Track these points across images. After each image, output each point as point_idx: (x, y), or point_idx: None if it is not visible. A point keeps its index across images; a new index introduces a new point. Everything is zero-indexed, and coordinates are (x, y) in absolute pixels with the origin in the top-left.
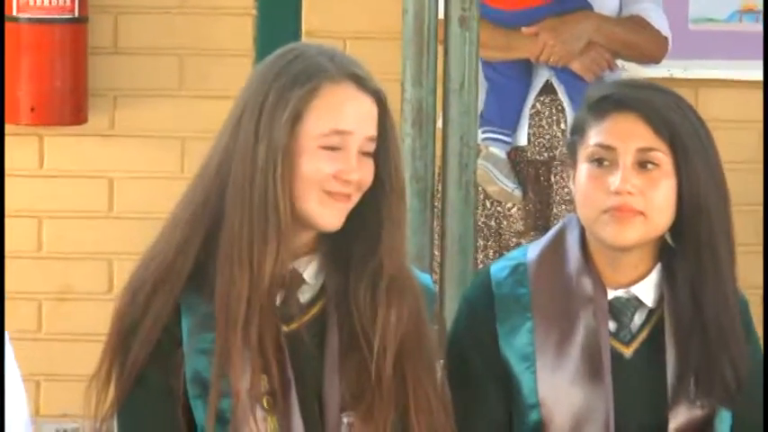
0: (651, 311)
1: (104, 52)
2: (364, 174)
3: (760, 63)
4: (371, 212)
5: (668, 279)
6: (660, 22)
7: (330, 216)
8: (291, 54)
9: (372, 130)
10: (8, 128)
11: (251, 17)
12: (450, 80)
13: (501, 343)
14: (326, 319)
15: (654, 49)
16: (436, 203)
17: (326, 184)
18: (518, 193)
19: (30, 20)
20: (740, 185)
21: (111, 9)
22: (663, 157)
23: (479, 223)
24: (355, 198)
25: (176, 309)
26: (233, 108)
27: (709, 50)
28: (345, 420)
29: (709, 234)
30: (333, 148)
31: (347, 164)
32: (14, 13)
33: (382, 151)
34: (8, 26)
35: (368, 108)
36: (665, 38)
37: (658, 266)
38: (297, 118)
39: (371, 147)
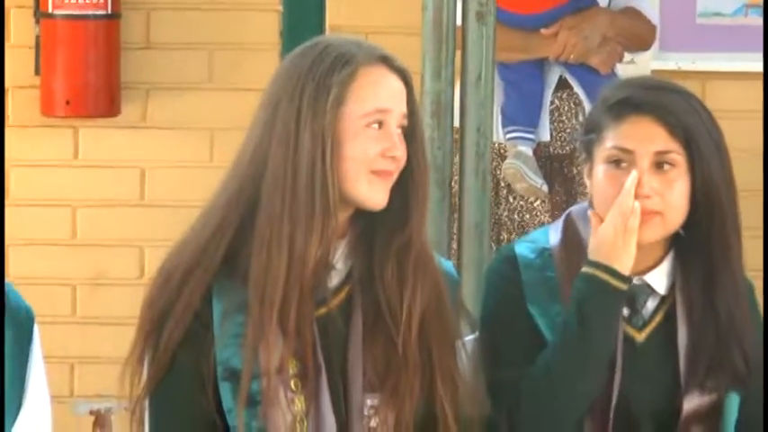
0: (663, 299)
1: (136, 47)
2: (404, 150)
3: (760, 58)
4: (400, 192)
5: (680, 268)
6: (650, 10)
7: (379, 195)
8: (320, 46)
9: (405, 107)
10: (44, 120)
11: (277, 13)
12: (467, 73)
13: (532, 312)
14: (352, 304)
15: (649, 38)
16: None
17: (374, 164)
18: (545, 188)
19: (65, 16)
20: (743, 173)
21: (142, 5)
22: (678, 157)
23: (503, 218)
24: (396, 175)
25: (208, 293)
26: (264, 100)
27: (716, 43)
28: (369, 402)
29: (720, 227)
30: (376, 125)
31: (391, 141)
32: (50, 10)
33: (410, 130)
34: (44, 22)
35: (399, 86)
36: (655, 26)
37: (670, 255)
38: (340, 102)
39: (405, 122)
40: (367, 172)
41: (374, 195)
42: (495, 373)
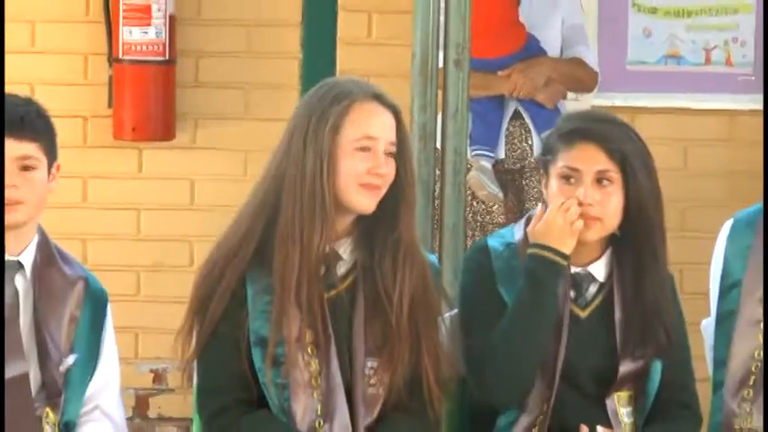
0: (602, 285)
1: (188, 86)
2: (389, 169)
3: (680, 95)
4: (392, 200)
5: (616, 261)
6: (592, 60)
7: (365, 202)
8: (328, 85)
9: (392, 136)
10: (115, 142)
11: (297, 60)
12: (447, 108)
13: (501, 291)
14: (356, 288)
15: (591, 82)
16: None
17: (362, 178)
18: (501, 195)
19: (131, 61)
20: (667, 187)
21: (192, 54)
22: (615, 175)
23: (468, 218)
24: (384, 189)
25: (243, 279)
26: (286, 128)
27: (642, 86)
28: (369, 365)
29: (648, 230)
30: (364, 149)
31: (376, 161)
32: (120, 56)
33: (400, 153)
34: (116, 66)
35: (388, 119)
36: (596, 73)
37: (608, 251)
38: (336, 129)
39: (393, 149)
40: (356, 185)
41: (362, 203)
42: (469, 340)
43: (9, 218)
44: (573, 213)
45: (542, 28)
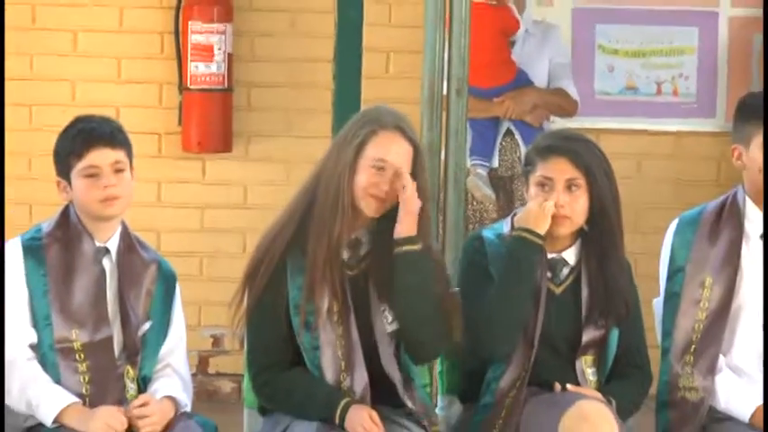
0: (573, 268)
1: (242, 109)
2: (394, 190)
3: (636, 119)
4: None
5: (584, 249)
6: (573, 92)
7: (371, 208)
8: (367, 110)
9: (408, 163)
10: (183, 154)
11: (330, 90)
12: (450, 128)
13: (492, 272)
14: (372, 268)
15: (571, 109)
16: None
17: (370, 190)
18: (493, 197)
19: (197, 89)
20: (624, 193)
21: (246, 84)
22: (581, 182)
23: (468, 214)
24: (388, 203)
25: (284, 259)
26: (331, 142)
27: (605, 111)
28: (389, 317)
29: (608, 226)
30: (378, 168)
31: (384, 179)
32: (188, 85)
33: (413, 175)
34: (185, 93)
35: (406, 149)
36: (576, 101)
37: (578, 242)
38: (361, 147)
39: (406, 170)
40: (365, 193)
41: (368, 208)
42: (467, 309)
43: (109, 211)
44: (548, 206)
45: (531, 65)
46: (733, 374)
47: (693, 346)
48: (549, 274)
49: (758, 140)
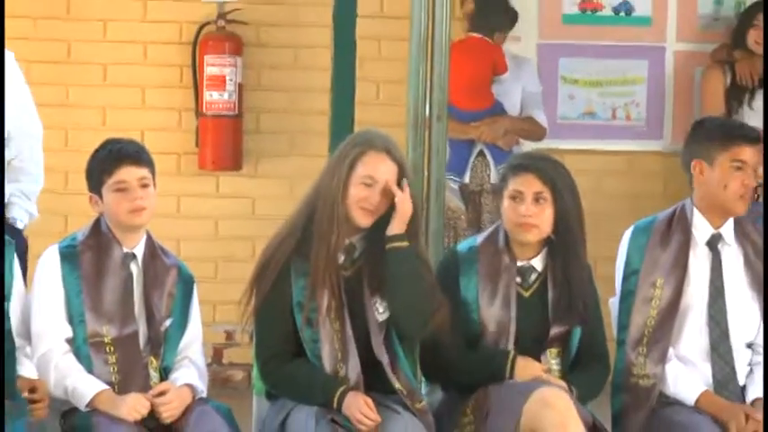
0: (540, 273)
1: (251, 132)
2: (382, 203)
3: (594, 141)
4: (389, 215)
5: (550, 257)
6: (543, 119)
7: (361, 220)
8: (360, 133)
9: (389, 183)
10: (200, 171)
11: (327, 115)
12: (432, 149)
13: (461, 287)
14: (363, 268)
15: (540, 134)
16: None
17: (361, 203)
18: (463, 208)
19: (212, 115)
20: (585, 205)
21: (255, 110)
22: (547, 195)
23: (444, 222)
24: (377, 214)
25: (288, 263)
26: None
27: (567, 134)
28: (380, 309)
29: (572, 234)
30: (367, 185)
31: (373, 194)
32: (204, 111)
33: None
34: (201, 118)
35: (392, 168)
36: (545, 128)
37: (545, 250)
38: (352, 165)
39: (391, 185)
40: (356, 206)
41: (359, 219)
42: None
43: (137, 220)
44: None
45: (507, 95)
46: (680, 363)
47: (646, 339)
48: (518, 280)
49: (723, 162)
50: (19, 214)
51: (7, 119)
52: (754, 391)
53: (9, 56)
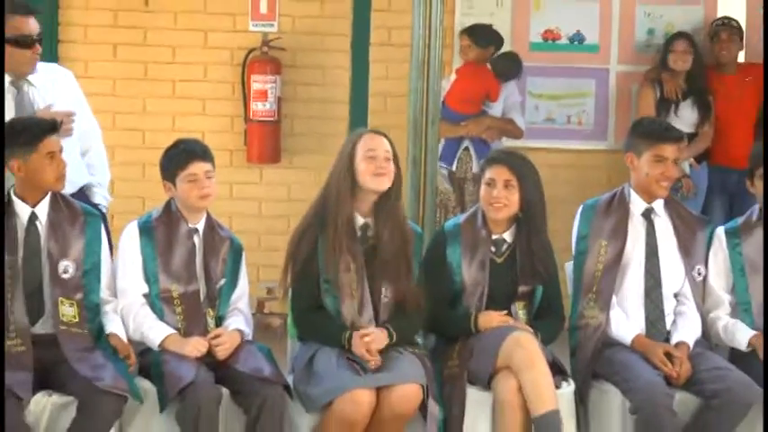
0: (510, 244)
1: (288, 134)
2: (388, 166)
3: (552, 141)
4: (390, 190)
5: (518, 231)
6: (521, 122)
7: (378, 184)
8: (357, 130)
9: (388, 149)
10: (247, 164)
11: (346, 121)
12: (428, 147)
13: (448, 255)
14: (376, 244)
15: (517, 134)
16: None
17: (371, 170)
18: (451, 190)
19: (257, 121)
20: (545, 191)
21: (290, 117)
22: (515, 182)
23: (437, 202)
24: (389, 176)
25: (315, 240)
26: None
27: (533, 136)
28: (383, 291)
29: (535, 213)
30: (371, 156)
31: (378, 161)
32: (251, 117)
33: (393, 159)
34: (248, 123)
35: (385, 143)
36: (522, 130)
37: (514, 225)
38: (355, 145)
39: (389, 155)
40: (370, 175)
41: (376, 185)
42: (428, 284)
43: (201, 203)
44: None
45: (492, 107)
46: (621, 311)
47: (594, 288)
48: (493, 249)
49: (647, 156)
50: (100, 200)
51: (73, 124)
52: (678, 336)
53: (68, 74)
